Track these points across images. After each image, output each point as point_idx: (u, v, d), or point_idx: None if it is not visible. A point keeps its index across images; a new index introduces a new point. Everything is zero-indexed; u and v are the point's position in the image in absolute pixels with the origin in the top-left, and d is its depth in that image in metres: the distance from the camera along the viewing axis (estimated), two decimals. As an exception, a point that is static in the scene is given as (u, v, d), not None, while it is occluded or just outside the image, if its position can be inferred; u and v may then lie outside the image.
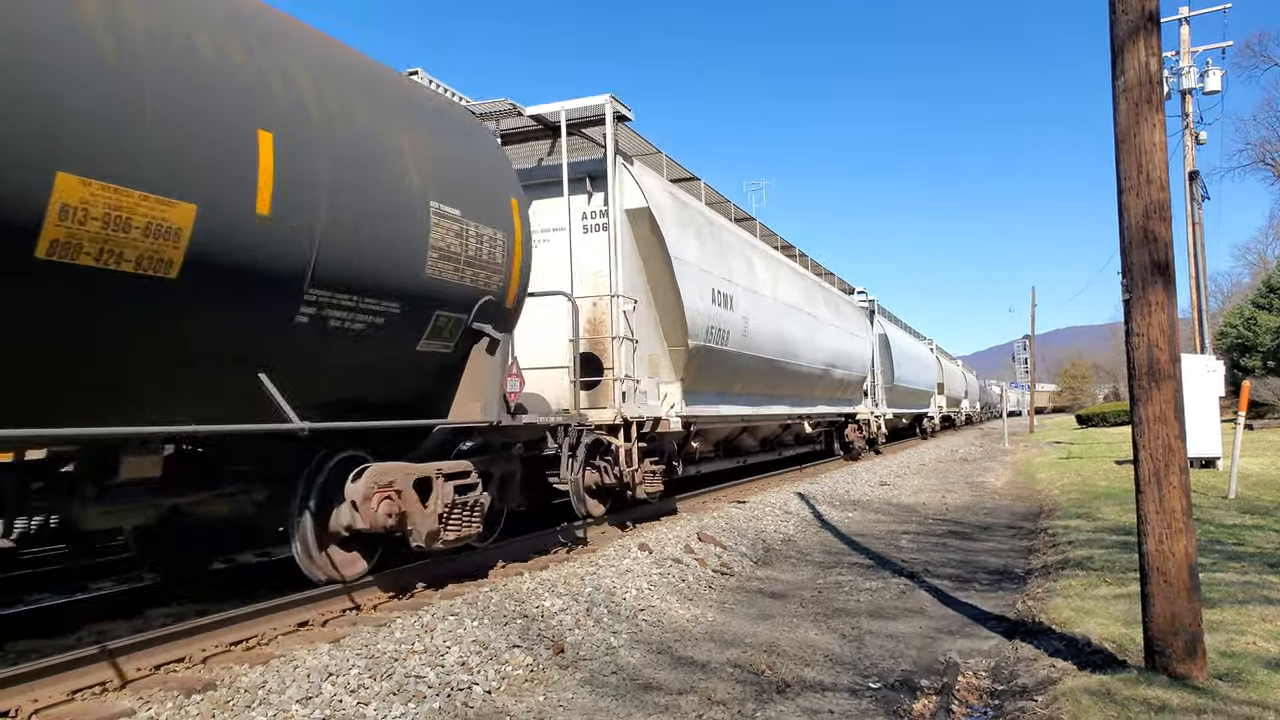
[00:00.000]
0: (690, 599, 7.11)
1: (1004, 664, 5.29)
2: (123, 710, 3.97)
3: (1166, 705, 3.99)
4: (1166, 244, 4.56)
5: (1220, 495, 12.09)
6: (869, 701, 4.71)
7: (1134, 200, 4.60)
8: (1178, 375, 4.54)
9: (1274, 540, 8.55)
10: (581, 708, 4.60)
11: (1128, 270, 4.63)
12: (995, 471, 20.36)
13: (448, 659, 4.90)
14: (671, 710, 4.56)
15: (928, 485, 17.10)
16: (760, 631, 6.18)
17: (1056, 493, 14.49)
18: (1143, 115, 4.59)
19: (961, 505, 13.89)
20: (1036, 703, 4.37)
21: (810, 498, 13.36)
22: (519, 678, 4.95)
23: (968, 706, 4.66)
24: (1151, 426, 4.53)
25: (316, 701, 4.19)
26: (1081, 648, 5.19)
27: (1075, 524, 10.45)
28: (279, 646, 5.12)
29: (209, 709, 4.01)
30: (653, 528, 9.69)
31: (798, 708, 4.61)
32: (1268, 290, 39.22)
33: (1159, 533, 4.48)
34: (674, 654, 5.61)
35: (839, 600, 7.15)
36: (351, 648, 4.85)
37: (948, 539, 10.41)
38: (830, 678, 5.14)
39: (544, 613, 5.93)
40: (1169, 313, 4.55)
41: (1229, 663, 4.66)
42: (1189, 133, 26.37)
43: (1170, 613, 4.43)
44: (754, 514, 11.14)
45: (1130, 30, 4.62)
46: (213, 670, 4.66)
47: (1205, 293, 26.65)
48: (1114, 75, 4.70)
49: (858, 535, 10.71)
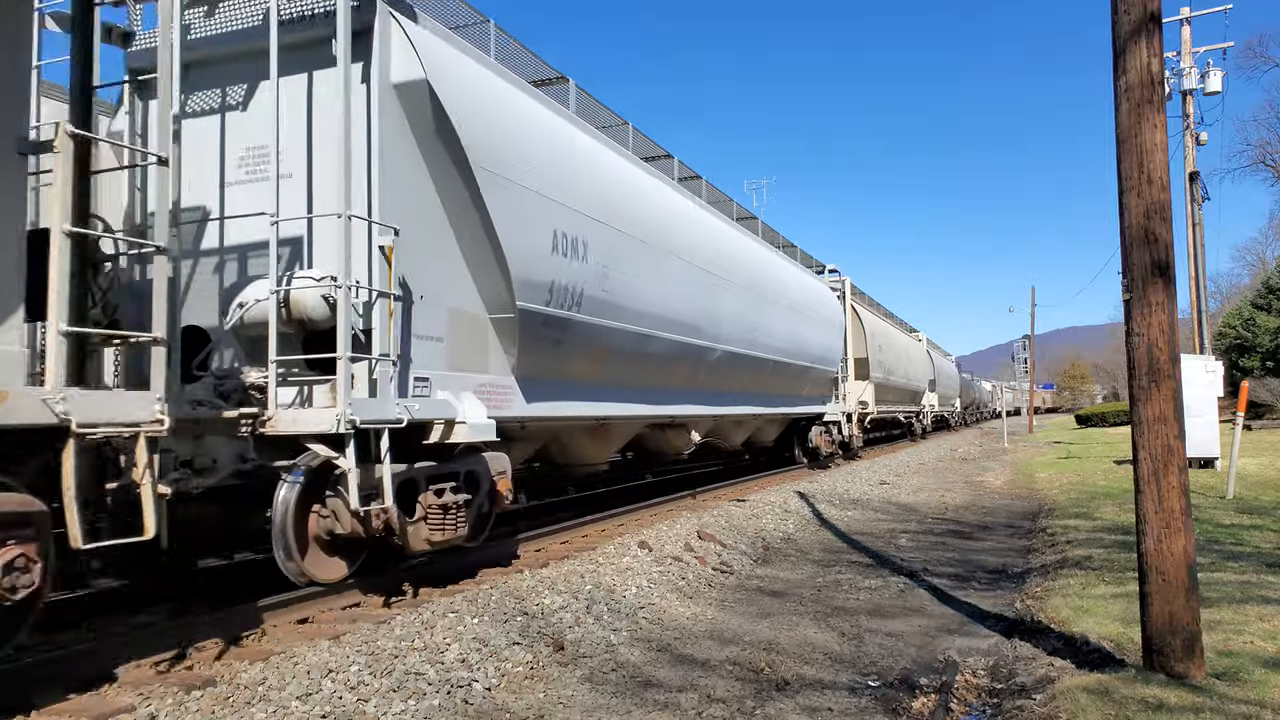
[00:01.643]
0: (690, 597, 7.12)
1: (1003, 662, 5.30)
2: (123, 706, 3.97)
3: (1164, 704, 4.00)
4: (1167, 244, 4.57)
5: (1219, 495, 12.11)
6: (868, 699, 4.72)
7: (1135, 200, 4.61)
8: (1177, 375, 4.55)
9: (1272, 540, 8.57)
10: (581, 705, 4.61)
11: (1128, 270, 4.64)
12: (994, 471, 20.38)
13: (448, 656, 4.91)
14: (671, 707, 4.57)
15: (927, 484, 17.11)
16: (760, 629, 6.19)
17: (1055, 492, 14.51)
18: (1144, 115, 4.59)
19: (961, 504, 13.90)
20: (1035, 701, 4.38)
21: (810, 496, 13.38)
22: (519, 675, 4.96)
23: (966, 705, 4.67)
24: (1151, 426, 4.54)
25: (316, 698, 4.20)
26: (1080, 646, 5.20)
27: (1074, 523, 10.47)
28: (279, 643, 5.13)
29: (209, 705, 4.01)
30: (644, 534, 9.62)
31: (797, 705, 4.62)
32: (1267, 291, 39.24)
33: (1158, 532, 4.49)
34: (674, 651, 5.62)
35: (838, 598, 7.16)
36: (352, 644, 4.85)
37: (947, 538, 10.42)
38: (829, 676, 5.15)
39: (544, 610, 5.94)
40: (1169, 313, 4.56)
41: (1227, 662, 4.67)
42: (1189, 133, 26.38)
43: (1168, 612, 4.44)
44: (754, 512, 11.15)
45: (1132, 30, 4.63)
46: (212, 667, 4.67)
47: (1205, 293, 26.66)
48: (1115, 75, 4.71)
49: (857, 534, 10.72)
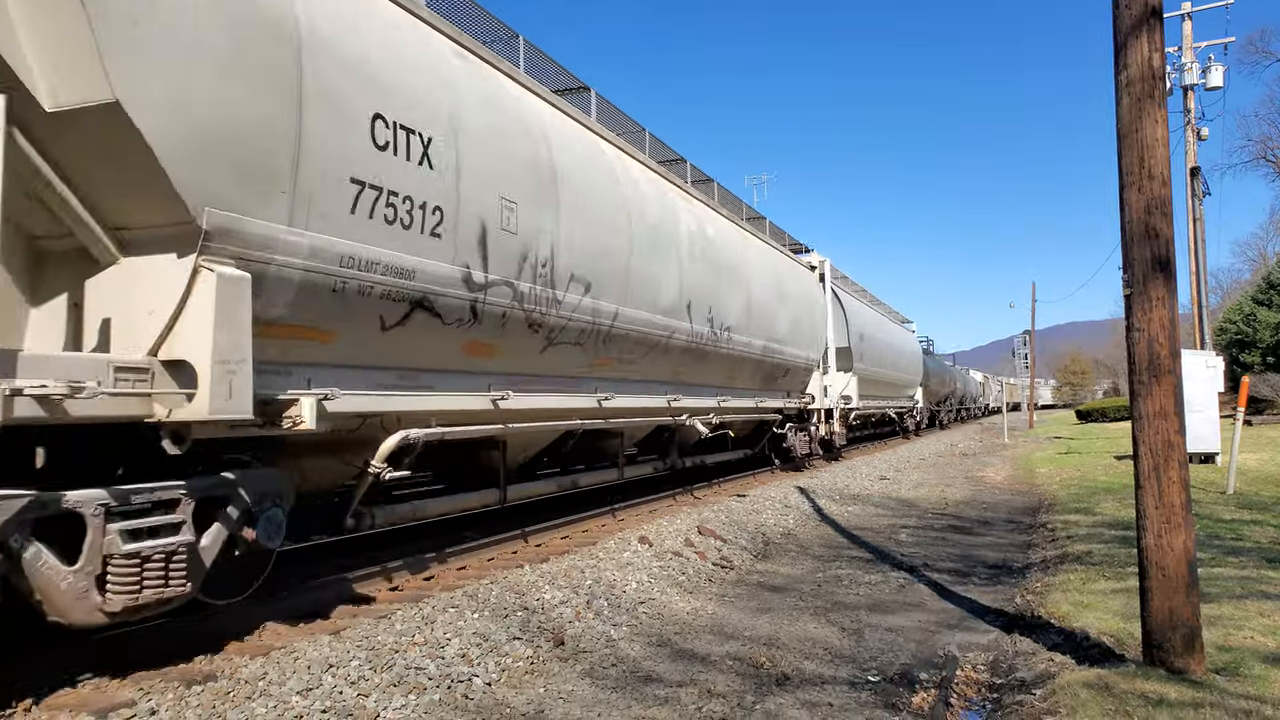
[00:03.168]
0: (690, 592, 7.13)
1: (1003, 658, 5.31)
2: (123, 700, 3.98)
3: (1164, 699, 4.00)
4: (1168, 239, 4.57)
5: (1219, 491, 12.11)
6: (868, 694, 4.73)
7: (1136, 195, 4.60)
8: (1178, 371, 4.55)
9: (1272, 535, 8.57)
10: (582, 699, 4.61)
11: (1129, 265, 4.63)
12: (995, 466, 20.38)
13: (448, 651, 4.91)
14: (671, 702, 4.57)
15: (927, 479, 17.11)
16: (760, 624, 6.19)
17: (1056, 487, 14.52)
18: (1145, 110, 4.58)
19: (961, 499, 13.91)
20: (1035, 696, 4.39)
21: (810, 491, 13.38)
22: (519, 670, 4.96)
23: (966, 700, 4.68)
24: (1151, 421, 4.53)
25: (317, 693, 4.20)
26: (1080, 642, 5.20)
27: (1074, 518, 10.48)
28: (279, 638, 5.13)
29: (210, 700, 4.01)
30: (653, 520, 9.64)
31: (797, 700, 4.62)
32: (1267, 286, 39.16)
33: (1158, 527, 4.49)
34: (674, 646, 5.63)
35: (839, 594, 7.17)
36: (352, 639, 4.86)
37: (947, 533, 10.43)
38: (830, 670, 5.16)
39: (544, 605, 5.95)
40: (1170, 308, 4.55)
41: (1227, 657, 4.68)
42: (1190, 129, 26.35)
43: (1169, 607, 4.44)
44: (754, 507, 11.16)
45: (1133, 24, 4.62)
46: (213, 661, 4.68)
47: (1205, 289, 26.65)
48: (1116, 70, 4.70)
49: (857, 529, 10.72)
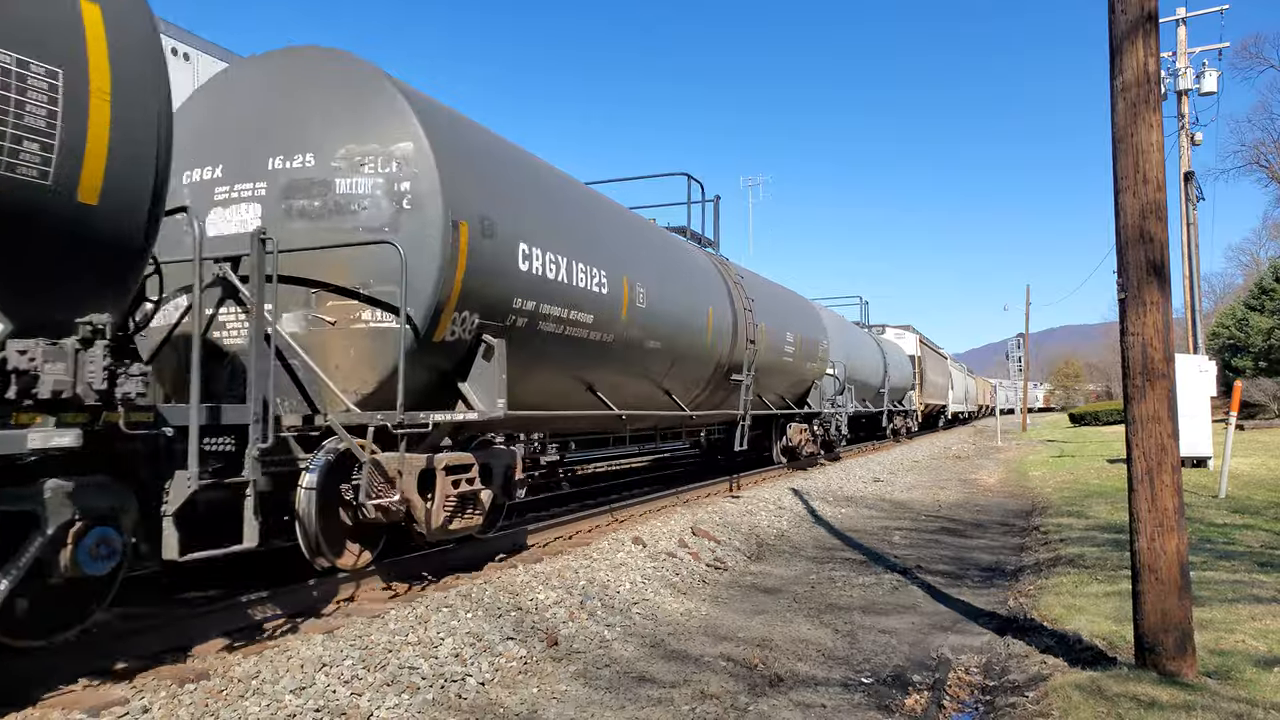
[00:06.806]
0: (684, 593, 7.13)
1: (995, 660, 5.32)
2: (116, 699, 3.96)
3: (1156, 702, 4.02)
4: (1162, 244, 4.58)
5: (1211, 495, 12.15)
6: (861, 696, 4.73)
7: (1130, 200, 4.62)
8: (1171, 375, 4.57)
9: (1264, 539, 8.61)
10: (575, 700, 4.61)
11: (1124, 269, 4.65)
12: (988, 469, 20.42)
13: (441, 651, 4.90)
14: (664, 703, 4.57)
15: (921, 482, 17.14)
16: (754, 626, 6.20)
17: (1049, 491, 14.55)
18: (1140, 115, 4.60)
19: (954, 502, 13.93)
20: (1027, 698, 4.40)
21: (804, 493, 13.39)
22: (513, 670, 4.96)
23: (959, 702, 4.69)
24: (1145, 425, 4.55)
25: (310, 692, 4.19)
26: (1072, 644, 5.21)
27: (1067, 522, 10.51)
28: (272, 636, 5.12)
29: (202, 698, 4.00)
30: (647, 521, 9.66)
31: (790, 701, 4.63)
32: (1260, 292, 39.30)
33: (1151, 531, 4.51)
34: (667, 647, 5.63)
35: (832, 595, 7.17)
36: (345, 638, 4.84)
37: (940, 535, 10.45)
38: (823, 672, 5.16)
39: (538, 605, 5.94)
40: (1164, 312, 4.57)
41: (1219, 660, 4.70)
42: (1185, 134, 26.43)
43: (1161, 610, 4.46)
44: (748, 509, 11.16)
45: (1129, 29, 4.63)
46: (206, 660, 4.66)
47: (1199, 293, 26.73)
48: (1112, 75, 4.72)
49: (851, 531, 10.74)
